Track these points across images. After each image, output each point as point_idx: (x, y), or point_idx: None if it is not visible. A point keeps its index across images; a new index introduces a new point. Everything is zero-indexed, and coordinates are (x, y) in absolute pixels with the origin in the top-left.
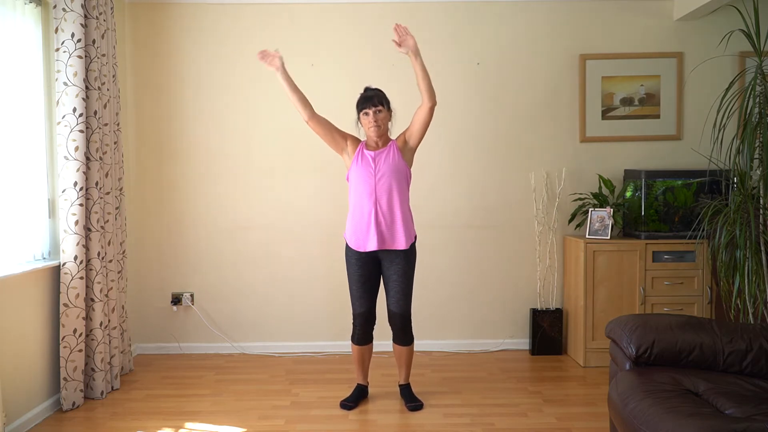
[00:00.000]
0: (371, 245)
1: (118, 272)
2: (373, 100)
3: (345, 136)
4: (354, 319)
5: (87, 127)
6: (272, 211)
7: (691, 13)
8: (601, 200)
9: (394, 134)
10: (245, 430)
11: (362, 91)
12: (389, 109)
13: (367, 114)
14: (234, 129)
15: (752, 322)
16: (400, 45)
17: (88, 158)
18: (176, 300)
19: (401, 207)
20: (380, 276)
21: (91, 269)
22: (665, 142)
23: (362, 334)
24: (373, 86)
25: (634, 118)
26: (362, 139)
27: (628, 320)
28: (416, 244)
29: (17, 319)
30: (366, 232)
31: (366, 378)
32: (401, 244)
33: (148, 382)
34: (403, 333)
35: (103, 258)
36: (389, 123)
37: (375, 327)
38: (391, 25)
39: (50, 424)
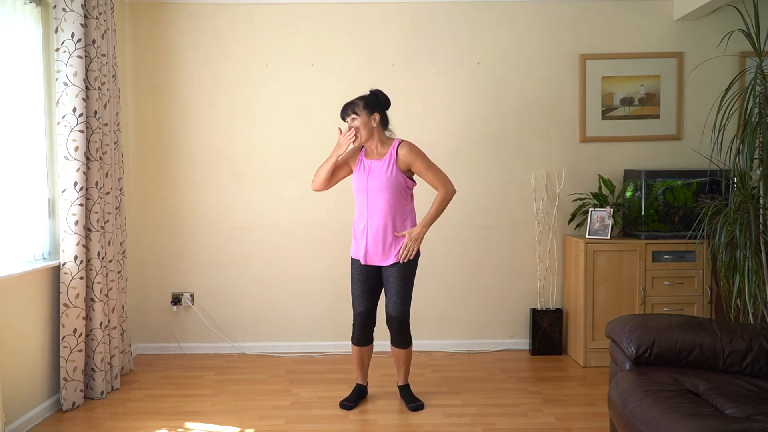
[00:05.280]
0: (359, 256)
1: (118, 272)
2: (346, 110)
3: (345, 156)
4: (354, 318)
5: (87, 127)
6: (272, 211)
7: (691, 13)
8: (601, 200)
9: (399, 134)
10: (245, 430)
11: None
12: (371, 113)
13: (346, 122)
14: (234, 129)
15: (752, 322)
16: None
17: (88, 158)
18: (176, 300)
19: (392, 223)
20: (379, 279)
21: (91, 269)
22: (665, 142)
23: (361, 334)
24: (354, 97)
25: (634, 118)
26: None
27: (628, 320)
28: (420, 251)
29: (17, 319)
30: (359, 244)
31: (365, 378)
32: (386, 260)
33: (148, 382)
34: (400, 336)
35: (103, 258)
36: (375, 124)
37: (374, 328)
38: (391, 25)
39: (50, 424)
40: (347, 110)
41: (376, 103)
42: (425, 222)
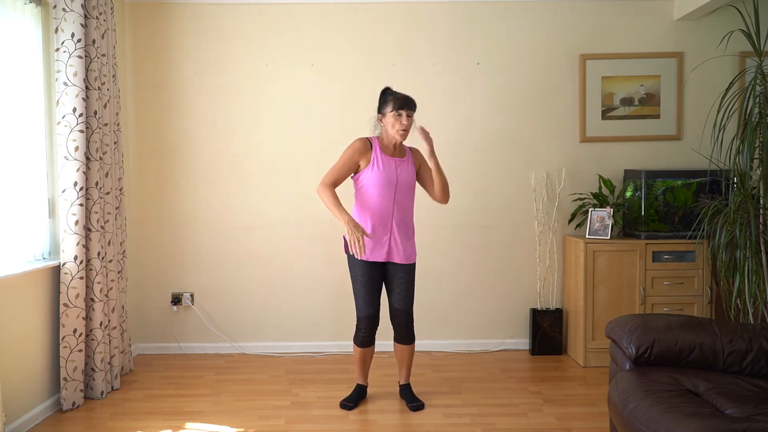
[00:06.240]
0: (378, 257)
1: (118, 272)
2: (411, 104)
3: (354, 158)
4: (359, 322)
5: (87, 127)
6: (272, 211)
7: (691, 13)
8: (601, 200)
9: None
10: (245, 430)
11: (388, 91)
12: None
13: (400, 115)
14: (234, 129)
15: (752, 322)
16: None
17: (88, 158)
18: (176, 300)
19: (411, 220)
20: (383, 277)
21: (91, 269)
22: (665, 142)
23: (367, 336)
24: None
25: (634, 118)
26: (369, 137)
27: (628, 320)
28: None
29: (17, 319)
30: (377, 244)
31: (366, 379)
32: (411, 257)
33: (148, 382)
34: (406, 331)
35: (103, 258)
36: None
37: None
38: (391, 25)
39: (50, 424)
40: (413, 105)
41: None
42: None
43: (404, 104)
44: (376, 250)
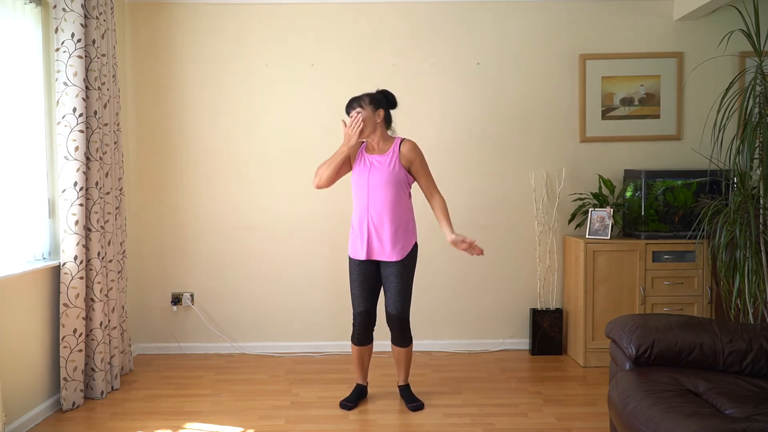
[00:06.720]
0: (361, 254)
1: (118, 272)
2: (352, 104)
3: (348, 155)
4: (354, 318)
5: (87, 127)
6: (272, 211)
7: (691, 13)
8: (601, 200)
9: (400, 134)
10: (245, 430)
11: None
12: (377, 108)
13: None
14: (234, 129)
15: (752, 322)
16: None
17: (88, 158)
18: (176, 300)
19: (394, 218)
20: (379, 277)
21: (91, 269)
22: (665, 142)
23: (362, 334)
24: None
25: (634, 118)
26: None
27: (628, 320)
28: (417, 246)
29: (17, 319)
30: (359, 241)
31: (365, 378)
32: (393, 256)
33: (148, 382)
34: (401, 335)
35: (103, 258)
36: (379, 120)
37: (375, 327)
38: (391, 25)
39: (50, 424)
40: (353, 104)
41: (381, 100)
42: (452, 228)
43: (346, 110)
44: (359, 247)
